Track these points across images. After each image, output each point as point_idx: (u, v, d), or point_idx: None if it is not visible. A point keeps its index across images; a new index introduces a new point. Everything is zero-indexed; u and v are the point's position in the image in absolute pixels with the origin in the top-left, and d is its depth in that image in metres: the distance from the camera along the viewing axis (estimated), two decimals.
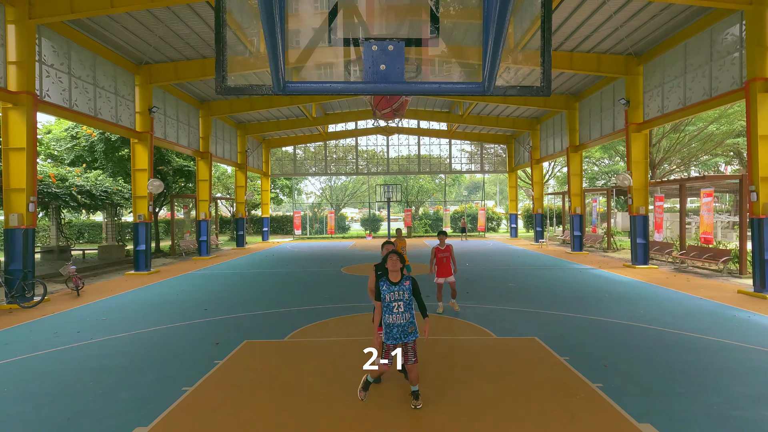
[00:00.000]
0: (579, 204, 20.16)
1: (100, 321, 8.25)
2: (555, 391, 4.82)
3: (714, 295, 9.89)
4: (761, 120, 10.10)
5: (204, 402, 4.66)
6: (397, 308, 4.31)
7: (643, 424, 4.06)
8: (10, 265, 10.08)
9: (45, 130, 21.28)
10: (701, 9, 11.76)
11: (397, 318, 4.32)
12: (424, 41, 2.86)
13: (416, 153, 32.03)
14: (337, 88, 2.84)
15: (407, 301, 4.36)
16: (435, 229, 34.33)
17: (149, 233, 15.23)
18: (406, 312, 4.35)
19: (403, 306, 4.34)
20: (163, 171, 20.52)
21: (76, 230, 30.12)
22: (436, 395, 4.74)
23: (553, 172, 39.33)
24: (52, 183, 15.99)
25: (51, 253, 18.37)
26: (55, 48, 11.61)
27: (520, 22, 2.98)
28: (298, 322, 7.95)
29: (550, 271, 13.98)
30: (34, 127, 10.53)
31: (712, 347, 6.28)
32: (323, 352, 6.24)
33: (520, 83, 2.89)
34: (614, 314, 8.26)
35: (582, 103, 19.74)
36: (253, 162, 28.07)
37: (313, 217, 34.54)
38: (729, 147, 26.70)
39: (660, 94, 14.17)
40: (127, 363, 5.94)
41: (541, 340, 6.63)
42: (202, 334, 7.31)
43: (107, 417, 4.37)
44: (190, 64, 15.18)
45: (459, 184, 51.85)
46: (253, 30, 3.08)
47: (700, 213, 15.00)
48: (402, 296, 4.32)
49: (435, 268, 8.52)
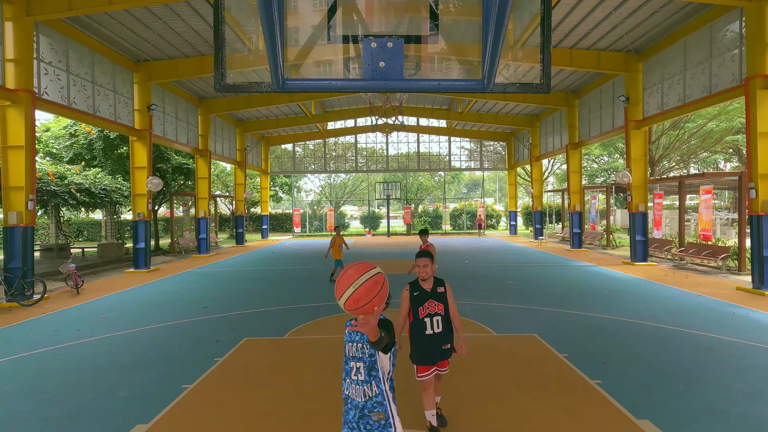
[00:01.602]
0: (578, 201, 20.16)
1: (100, 319, 8.25)
2: (554, 387, 4.83)
3: (713, 292, 9.91)
4: (761, 117, 10.10)
5: (204, 399, 4.67)
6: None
7: (642, 421, 4.07)
8: (9, 263, 10.08)
9: (43, 128, 21.24)
10: (701, 5, 11.73)
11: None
12: (423, 38, 2.85)
13: (416, 150, 32.00)
14: (336, 86, 2.83)
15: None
16: (435, 226, 34.35)
17: (148, 231, 15.23)
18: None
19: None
20: (162, 169, 20.48)
21: (76, 228, 30.08)
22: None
23: (553, 169, 39.32)
24: (51, 181, 15.96)
25: (50, 251, 18.36)
26: (53, 45, 11.57)
27: (520, 19, 2.97)
28: (297, 319, 7.96)
29: (549, 269, 14.00)
30: (33, 125, 10.50)
31: (711, 344, 6.29)
32: (323, 350, 6.25)
33: (519, 80, 2.88)
34: (613, 311, 8.27)
35: (581, 100, 19.71)
36: (253, 160, 28.04)
37: (312, 215, 34.52)
38: (728, 144, 26.69)
39: (659, 91, 14.16)
40: (127, 361, 5.94)
41: (541, 337, 6.65)
42: (202, 331, 7.31)
43: (107, 415, 4.37)
44: (189, 61, 15.14)
45: (458, 181, 51.84)
46: (251, 27, 3.07)
47: (699, 210, 15.01)
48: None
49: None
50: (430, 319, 3.79)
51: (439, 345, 3.80)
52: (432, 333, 3.77)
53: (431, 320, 3.79)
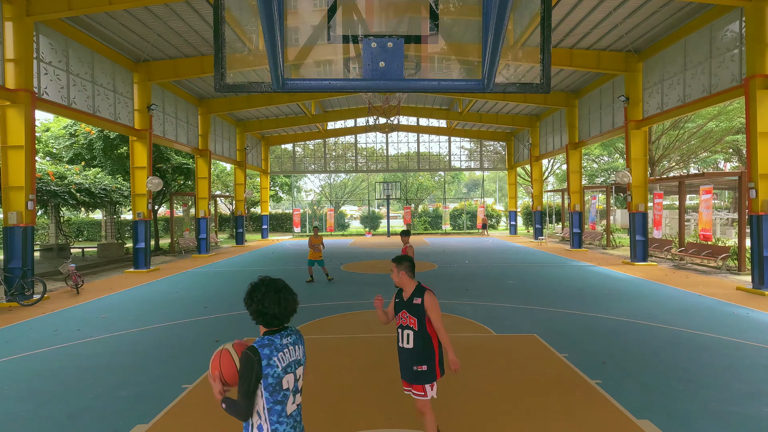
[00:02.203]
0: (578, 201, 20.17)
1: (100, 319, 8.25)
2: (554, 387, 4.83)
3: (713, 292, 9.91)
4: (761, 117, 10.09)
5: (204, 400, 4.66)
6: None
7: (641, 421, 4.07)
8: (9, 263, 10.08)
9: (43, 128, 21.22)
10: (701, 5, 11.73)
11: None
12: (423, 38, 2.85)
13: (416, 150, 32.00)
14: (336, 86, 2.84)
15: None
16: (435, 226, 34.35)
17: (148, 231, 15.23)
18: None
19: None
20: (162, 169, 20.49)
21: (76, 228, 30.06)
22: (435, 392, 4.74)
23: (553, 169, 39.31)
24: (51, 181, 15.96)
25: (50, 251, 18.35)
26: (53, 45, 11.57)
27: (520, 19, 2.97)
28: (297, 319, 7.95)
29: (549, 269, 14.00)
30: (33, 125, 10.51)
31: (711, 344, 6.29)
32: (323, 350, 6.25)
33: (519, 80, 2.88)
34: (613, 311, 8.27)
35: (581, 100, 19.71)
36: (253, 159, 28.04)
37: (312, 215, 34.52)
38: (728, 144, 26.68)
39: (659, 91, 14.16)
40: (127, 361, 5.94)
41: (541, 337, 6.65)
42: (202, 331, 7.32)
43: (108, 415, 4.37)
44: (189, 61, 15.14)
45: (458, 181, 51.85)
46: (251, 27, 3.07)
47: (699, 210, 15.01)
48: None
49: None
50: (402, 331, 3.40)
51: (409, 363, 3.37)
52: (402, 347, 3.41)
53: (402, 332, 3.40)
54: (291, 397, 2.16)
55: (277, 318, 2.15)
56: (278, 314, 2.15)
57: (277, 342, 2.13)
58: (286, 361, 2.13)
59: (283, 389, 2.11)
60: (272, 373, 2.06)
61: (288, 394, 2.14)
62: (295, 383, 2.18)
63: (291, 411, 2.16)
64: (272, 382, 2.06)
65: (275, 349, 2.10)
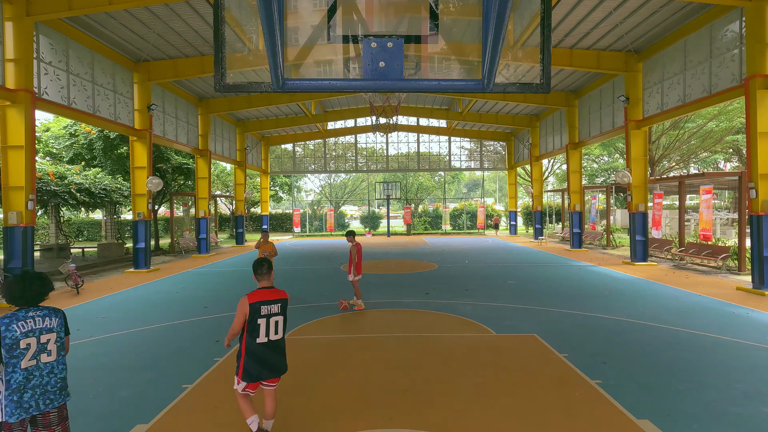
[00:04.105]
0: (578, 201, 20.17)
1: (100, 319, 8.25)
2: (554, 387, 4.83)
3: (713, 292, 9.91)
4: (761, 117, 10.10)
5: (204, 399, 4.67)
6: None
7: (641, 421, 4.07)
8: (9, 263, 10.08)
9: (43, 128, 21.22)
10: (701, 5, 11.73)
11: None
12: (423, 38, 2.85)
13: (416, 150, 32.01)
14: (336, 85, 2.84)
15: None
16: (435, 226, 34.37)
17: (149, 231, 15.23)
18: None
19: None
20: (162, 169, 20.49)
21: (76, 228, 30.07)
22: (435, 392, 4.75)
23: (553, 169, 39.32)
24: (51, 181, 15.96)
25: (50, 251, 18.35)
26: (53, 45, 11.57)
27: (520, 19, 2.97)
28: (297, 319, 7.95)
29: (549, 269, 14.00)
30: (33, 125, 10.51)
31: (711, 344, 6.29)
32: (323, 350, 6.25)
33: (519, 80, 2.88)
34: (613, 311, 8.27)
35: (581, 100, 19.72)
36: (253, 159, 28.05)
37: (312, 215, 34.53)
38: (728, 144, 26.69)
39: (660, 91, 14.16)
40: (127, 361, 5.94)
41: (541, 337, 6.65)
42: (202, 331, 7.32)
43: (108, 415, 4.37)
44: (189, 61, 15.14)
45: (458, 181, 51.85)
46: (251, 27, 3.07)
47: (699, 210, 15.01)
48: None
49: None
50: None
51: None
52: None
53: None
54: (28, 354, 2.86)
55: (24, 299, 2.96)
56: (24, 297, 2.98)
57: (20, 315, 2.90)
58: (27, 327, 2.88)
59: (20, 348, 2.83)
60: (10, 336, 2.81)
61: (24, 353, 2.84)
62: (38, 345, 2.91)
63: (27, 366, 2.84)
64: (9, 343, 2.80)
65: (16, 318, 2.86)
